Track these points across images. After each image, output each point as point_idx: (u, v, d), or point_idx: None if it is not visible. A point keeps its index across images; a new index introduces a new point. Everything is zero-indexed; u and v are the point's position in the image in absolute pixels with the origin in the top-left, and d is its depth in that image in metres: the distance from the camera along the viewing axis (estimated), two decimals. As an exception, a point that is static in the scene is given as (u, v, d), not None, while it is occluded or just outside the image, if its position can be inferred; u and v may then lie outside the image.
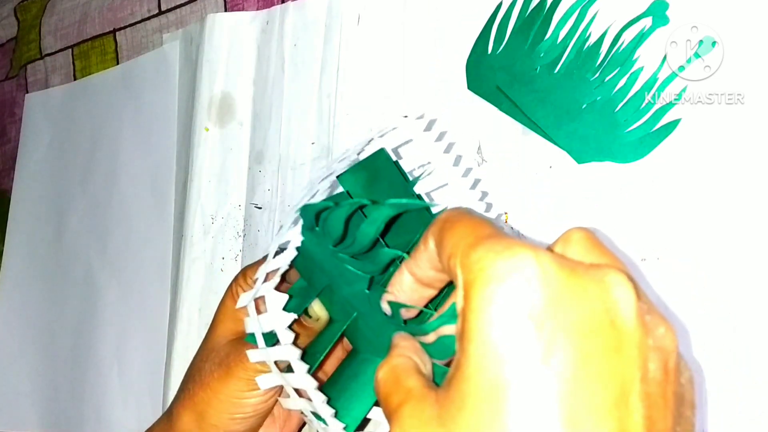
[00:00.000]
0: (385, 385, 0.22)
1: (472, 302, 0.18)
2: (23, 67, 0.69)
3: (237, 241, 0.49)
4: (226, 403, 0.29)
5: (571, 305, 0.18)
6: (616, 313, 0.18)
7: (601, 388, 0.17)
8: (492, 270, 0.18)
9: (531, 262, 0.18)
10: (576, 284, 0.18)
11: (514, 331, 0.17)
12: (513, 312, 0.17)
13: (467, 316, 0.18)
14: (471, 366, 0.18)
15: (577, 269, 0.18)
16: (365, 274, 0.27)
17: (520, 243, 0.19)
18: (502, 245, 0.19)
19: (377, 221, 0.24)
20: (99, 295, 0.58)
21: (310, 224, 0.27)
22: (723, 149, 0.33)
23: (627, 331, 0.18)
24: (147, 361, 0.53)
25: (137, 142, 0.58)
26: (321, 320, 0.29)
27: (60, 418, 0.59)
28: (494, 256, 0.18)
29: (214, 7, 0.53)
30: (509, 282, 0.18)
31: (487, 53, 0.40)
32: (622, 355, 0.18)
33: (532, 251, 0.18)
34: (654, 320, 0.19)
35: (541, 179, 0.37)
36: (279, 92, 0.47)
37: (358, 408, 0.27)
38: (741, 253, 0.32)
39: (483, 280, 0.18)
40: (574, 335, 0.17)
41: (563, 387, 0.17)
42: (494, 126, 0.39)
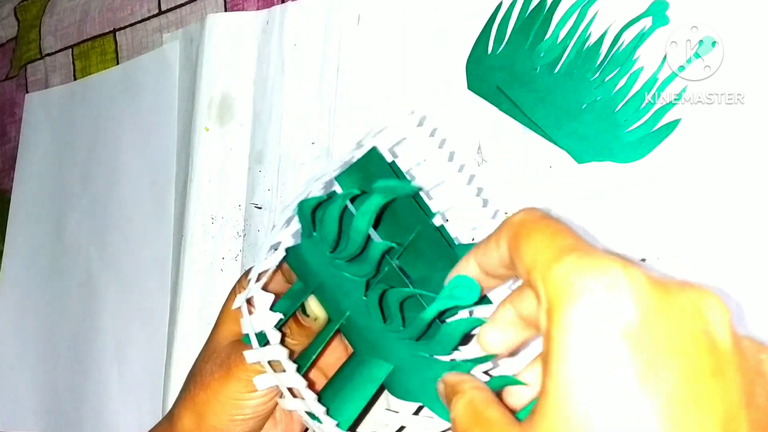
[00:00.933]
0: (463, 419, 0.21)
1: (560, 322, 0.17)
2: (23, 67, 0.69)
3: (237, 241, 0.49)
4: (226, 405, 0.29)
5: (667, 325, 0.16)
6: (714, 334, 0.17)
7: (706, 414, 0.16)
8: (580, 287, 0.17)
9: (622, 278, 0.17)
10: (670, 303, 0.17)
11: (609, 352, 0.16)
12: (606, 331, 0.16)
13: (554, 337, 0.17)
14: (561, 391, 0.17)
15: (669, 287, 0.17)
16: (361, 278, 0.27)
17: (608, 256, 0.18)
18: (589, 259, 0.17)
19: (368, 212, 0.24)
20: (99, 295, 0.58)
21: (308, 230, 0.27)
22: (723, 149, 0.33)
23: (727, 354, 0.17)
24: (147, 362, 0.53)
25: (137, 142, 0.58)
26: (319, 320, 0.29)
27: (60, 419, 0.59)
28: (581, 272, 0.17)
29: (214, 7, 0.53)
30: (600, 299, 0.17)
31: (487, 53, 0.40)
32: (725, 379, 0.16)
33: (623, 266, 0.17)
34: (753, 345, 0.18)
35: (541, 179, 0.37)
36: (279, 92, 0.47)
37: (351, 407, 0.27)
38: (741, 253, 0.32)
39: (570, 298, 0.17)
40: (674, 357, 0.16)
41: (666, 412, 0.16)
42: (494, 126, 0.39)
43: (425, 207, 0.31)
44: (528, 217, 0.20)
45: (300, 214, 0.27)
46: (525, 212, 0.21)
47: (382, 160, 0.29)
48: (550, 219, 0.20)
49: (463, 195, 0.32)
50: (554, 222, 0.20)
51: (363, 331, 0.28)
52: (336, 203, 0.25)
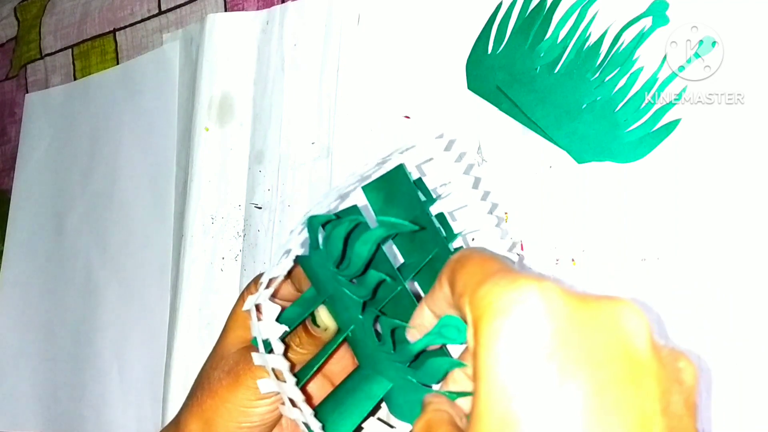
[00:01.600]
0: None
1: (480, 339, 0.18)
2: (23, 67, 0.69)
3: (237, 241, 0.49)
4: (233, 412, 0.29)
5: (580, 336, 0.17)
6: (630, 344, 0.17)
7: (619, 420, 0.16)
8: (497, 304, 0.18)
9: (534, 294, 0.18)
10: (586, 315, 0.18)
11: (522, 364, 0.17)
12: (519, 345, 0.17)
13: (477, 354, 0.18)
14: (482, 404, 0.17)
15: (587, 300, 0.18)
16: (359, 299, 0.27)
17: (525, 275, 0.18)
18: (507, 279, 0.18)
19: (369, 242, 0.25)
20: (99, 295, 0.58)
21: (315, 243, 0.27)
22: (723, 149, 0.33)
23: (643, 363, 0.17)
24: (147, 361, 0.53)
25: (137, 142, 0.58)
26: (329, 330, 0.29)
27: (60, 419, 0.59)
28: (499, 290, 0.18)
29: (214, 7, 0.53)
30: (513, 315, 0.17)
31: (487, 53, 0.40)
32: (641, 386, 0.17)
33: (536, 282, 0.18)
34: (672, 353, 0.19)
35: (541, 179, 0.37)
36: (279, 92, 0.47)
37: (348, 422, 0.27)
38: (741, 252, 0.32)
39: (489, 316, 0.18)
40: (586, 365, 0.17)
41: (577, 419, 0.16)
42: (494, 126, 0.39)
43: (448, 227, 0.31)
44: (463, 253, 0.22)
45: (309, 228, 0.27)
46: (463, 250, 0.22)
47: (406, 177, 0.30)
48: (483, 252, 0.21)
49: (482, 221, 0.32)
50: (486, 253, 0.21)
51: (363, 347, 0.29)
52: (343, 225, 0.26)
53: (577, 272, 0.35)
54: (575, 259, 0.36)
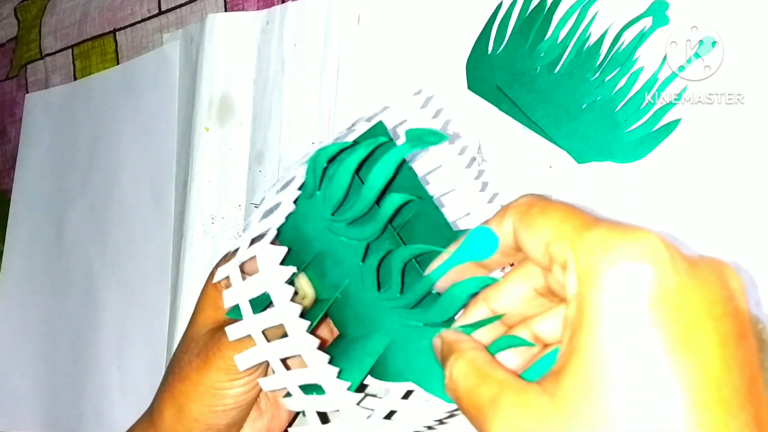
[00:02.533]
0: (466, 379, 0.20)
1: (598, 284, 0.17)
2: (23, 67, 0.69)
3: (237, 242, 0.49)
4: (205, 395, 0.28)
5: (699, 292, 0.17)
6: (737, 302, 0.18)
7: (738, 372, 0.17)
8: (618, 251, 0.17)
9: (660, 246, 0.18)
10: (698, 271, 0.18)
11: (647, 317, 0.17)
12: (650, 294, 0.17)
13: (588, 299, 0.17)
14: (593, 351, 0.17)
15: (693, 259, 0.18)
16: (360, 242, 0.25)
17: (641, 227, 0.18)
18: (624, 228, 0.18)
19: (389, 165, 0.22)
20: (99, 295, 0.58)
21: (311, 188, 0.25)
22: (723, 149, 0.33)
23: (746, 321, 0.18)
24: (147, 361, 0.53)
25: (137, 142, 0.58)
26: (308, 298, 0.28)
27: (60, 419, 0.59)
28: (617, 238, 0.18)
29: (214, 7, 0.53)
30: (640, 265, 0.17)
31: (487, 53, 0.40)
32: (748, 342, 0.18)
33: (656, 235, 0.18)
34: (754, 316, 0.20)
35: (541, 179, 0.37)
36: (279, 92, 0.47)
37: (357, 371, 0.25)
38: (741, 252, 0.32)
39: (606, 261, 0.17)
40: (708, 319, 0.17)
41: (705, 369, 0.16)
42: (494, 126, 0.39)
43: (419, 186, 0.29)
44: (536, 198, 0.21)
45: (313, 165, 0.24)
46: (530, 196, 0.21)
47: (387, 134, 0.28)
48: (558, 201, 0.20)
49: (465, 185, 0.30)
50: (566, 203, 0.20)
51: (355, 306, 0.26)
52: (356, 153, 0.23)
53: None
54: (575, 259, 0.36)
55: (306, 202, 0.25)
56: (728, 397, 0.16)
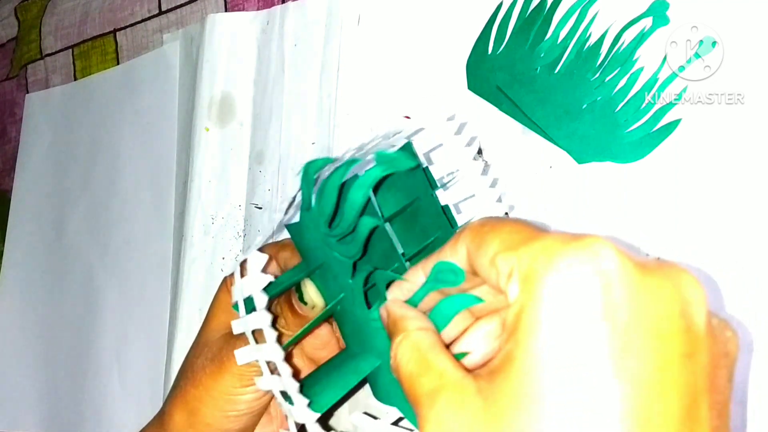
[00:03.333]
0: (408, 365, 0.20)
1: (536, 292, 0.16)
2: (23, 67, 0.69)
3: (237, 242, 0.49)
4: (219, 400, 0.28)
5: (647, 305, 0.16)
6: (691, 316, 0.17)
7: (675, 397, 0.16)
8: (562, 258, 0.16)
9: (610, 254, 0.16)
10: (651, 283, 0.17)
11: (590, 328, 0.16)
12: (589, 307, 0.16)
13: (527, 307, 0.17)
14: (531, 361, 0.16)
15: (648, 266, 0.17)
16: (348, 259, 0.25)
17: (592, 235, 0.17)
18: (572, 236, 0.17)
19: (365, 185, 0.23)
20: (99, 295, 0.58)
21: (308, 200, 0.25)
22: (723, 149, 0.33)
23: (699, 336, 0.17)
24: (147, 361, 0.53)
25: (137, 142, 0.58)
26: (317, 308, 0.28)
27: (60, 419, 0.59)
28: (563, 244, 0.17)
29: (214, 7, 0.53)
30: (586, 272, 0.16)
31: (487, 53, 0.40)
32: (695, 361, 0.16)
33: (609, 243, 0.17)
34: (720, 324, 0.18)
35: (541, 179, 0.37)
36: (279, 92, 0.47)
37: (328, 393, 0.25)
38: (741, 252, 0.32)
39: (551, 268, 0.16)
40: (651, 339, 0.16)
41: (637, 393, 0.16)
42: (494, 126, 0.39)
43: (452, 219, 0.30)
44: (488, 219, 0.20)
45: (304, 178, 0.25)
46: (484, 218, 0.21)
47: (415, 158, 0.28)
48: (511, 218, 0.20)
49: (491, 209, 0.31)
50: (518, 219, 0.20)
51: (351, 320, 0.27)
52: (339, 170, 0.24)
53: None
54: (575, 259, 0.36)
55: (306, 214, 0.26)
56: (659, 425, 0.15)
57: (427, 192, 0.28)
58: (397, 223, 0.30)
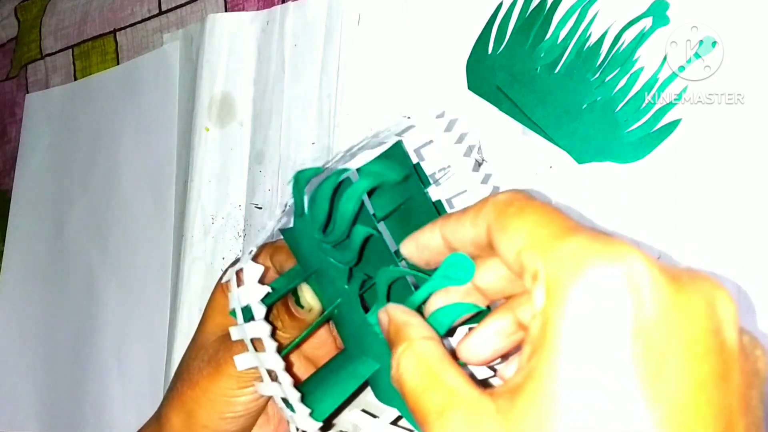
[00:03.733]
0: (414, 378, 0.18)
1: (565, 303, 0.15)
2: (23, 67, 0.69)
3: (237, 242, 0.49)
4: (216, 402, 0.28)
5: (680, 323, 0.15)
6: (724, 334, 0.16)
7: (711, 421, 0.15)
8: (593, 269, 0.15)
9: (643, 268, 0.15)
10: (683, 299, 0.16)
11: (618, 348, 0.15)
12: (618, 325, 0.15)
13: (555, 322, 0.16)
14: (557, 380, 0.15)
15: (682, 280, 0.16)
16: (344, 265, 0.25)
17: (623, 241, 0.16)
18: (604, 241, 0.16)
19: (353, 197, 0.23)
20: (99, 295, 0.58)
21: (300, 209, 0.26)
22: (723, 149, 0.33)
23: (733, 356, 0.16)
24: (147, 361, 0.53)
25: (137, 142, 0.58)
26: (314, 311, 0.27)
27: (60, 419, 0.59)
28: (595, 252, 0.16)
29: (214, 7, 0.53)
30: (617, 286, 0.15)
31: (487, 53, 0.40)
32: (729, 383, 0.16)
33: (642, 254, 0.16)
34: (751, 342, 0.17)
35: (541, 179, 0.37)
36: (279, 92, 0.47)
37: (329, 400, 0.25)
38: (741, 252, 0.32)
39: (581, 278, 0.15)
40: (685, 359, 0.15)
41: (670, 416, 0.15)
42: (494, 126, 0.39)
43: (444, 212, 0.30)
44: (516, 196, 0.19)
45: (294, 187, 0.25)
46: (511, 192, 0.19)
47: (406, 156, 0.28)
48: (540, 201, 0.18)
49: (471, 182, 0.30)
50: (546, 204, 0.18)
51: (349, 324, 0.27)
52: (329, 180, 0.24)
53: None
54: (575, 259, 0.36)
55: (299, 220, 0.26)
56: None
57: (419, 190, 0.28)
58: (392, 221, 0.30)
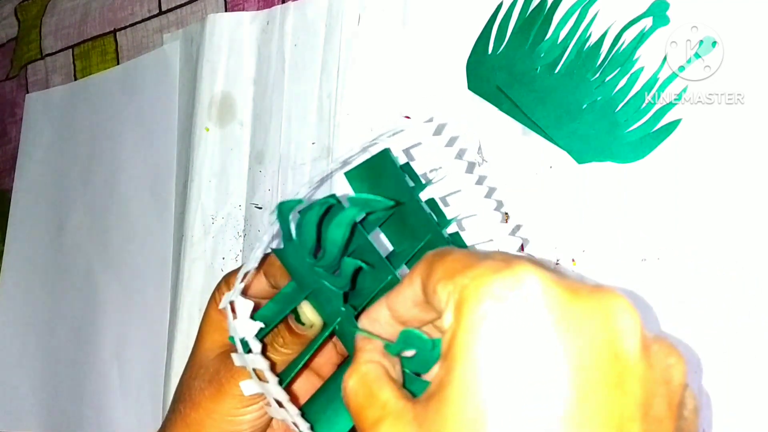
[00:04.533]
0: (356, 397, 0.20)
1: (465, 319, 0.17)
2: (24, 67, 0.69)
3: (237, 241, 0.49)
4: (220, 422, 0.27)
5: (573, 333, 0.16)
6: (620, 344, 0.17)
7: (598, 427, 0.16)
8: (489, 287, 0.17)
9: (534, 281, 0.17)
10: (579, 309, 0.17)
11: (511, 356, 0.16)
12: (511, 335, 0.16)
13: (457, 334, 0.17)
14: (457, 388, 0.17)
15: (579, 292, 0.17)
16: (338, 289, 0.26)
17: (521, 259, 0.17)
18: (501, 262, 0.17)
19: (342, 224, 0.23)
20: (99, 295, 0.58)
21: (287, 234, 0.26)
22: (723, 149, 0.33)
23: (630, 365, 0.17)
24: (147, 361, 0.53)
25: (137, 142, 0.58)
26: (315, 326, 0.27)
27: (60, 419, 0.59)
28: (492, 272, 0.17)
29: (214, 7, 0.53)
30: (509, 300, 0.17)
31: (487, 53, 0.40)
32: (624, 390, 0.16)
33: (534, 269, 0.17)
34: (663, 350, 0.18)
35: (541, 179, 0.37)
36: (279, 92, 0.47)
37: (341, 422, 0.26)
38: (741, 252, 0.32)
39: (478, 297, 0.17)
40: (574, 367, 0.16)
41: (557, 424, 0.16)
42: (494, 126, 0.39)
43: (440, 214, 0.30)
44: (440, 249, 0.20)
45: (279, 217, 0.25)
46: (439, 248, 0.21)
47: (392, 162, 0.28)
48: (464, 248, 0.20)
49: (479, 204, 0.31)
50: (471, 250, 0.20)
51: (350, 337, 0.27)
52: (314, 210, 0.24)
53: (578, 272, 0.36)
54: (575, 259, 0.36)
55: (289, 243, 0.26)
56: None
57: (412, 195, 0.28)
58: (389, 227, 0.30)
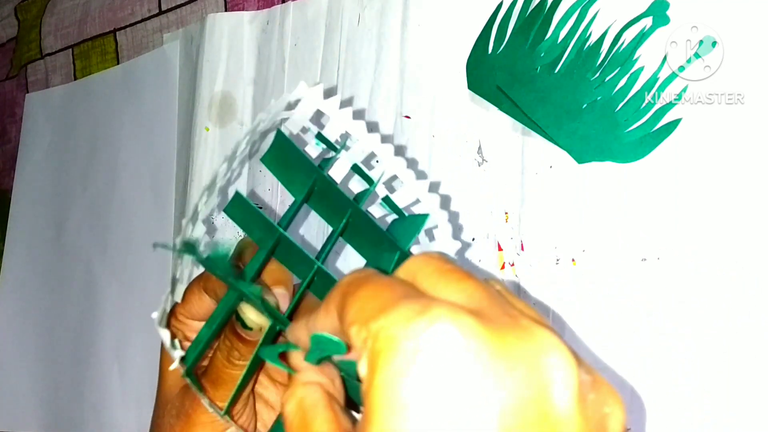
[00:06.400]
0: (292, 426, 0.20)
1: (378, 376, 0.16)
2: (23, 66, 0.69)
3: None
4: None
5: (496, 387, 0.15)
6: (550, 399, 0.15)
7: None
8: (403, 340, 0.15)
9: (451, 331, 0.15)
10: (504, 361, 0.15)
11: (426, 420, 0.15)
12: (426, 396, 0.15)
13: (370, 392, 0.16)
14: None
15: (506, 338, 0.15)
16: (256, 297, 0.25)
17: (437, 304, 0.16)
18: (415, 308, 0.16)
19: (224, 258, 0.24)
20: (99, 295, 0.58)
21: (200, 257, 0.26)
22: (723, 149, 0.33)
23: (564, 420, 0.15)
24: (147, 361, 0.53)
25: (137, 142, 0.58)
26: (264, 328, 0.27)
27: (60, 419, 0.59)
28: (405, 321, 0.16)
29: (214, 7, 0.53)
30: (423, 354, 0.15)
31: (487, 53, 0.40)
32: None
33: (451, 315, 0.15)
34: (599, 397, 0.16)
35: (541, 179, 0.37)
36: (279, 92, 0.47)
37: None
38: (741, 252, 0.32)
39: (391, 351, 0.15)
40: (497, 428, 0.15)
41: None
42: (494, 126, 0.39)
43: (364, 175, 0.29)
44: (356, 275, 0.19)
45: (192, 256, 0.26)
46: (353, 273, 0.20)
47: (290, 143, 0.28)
48: (380, 276, 0.19)
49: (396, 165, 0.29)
50: (384, 278, 0.18)
51: None
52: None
53: (577, 272, 0.35)
54: (575, 259, 0.36)
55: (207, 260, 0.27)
56: None
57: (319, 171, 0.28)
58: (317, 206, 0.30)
